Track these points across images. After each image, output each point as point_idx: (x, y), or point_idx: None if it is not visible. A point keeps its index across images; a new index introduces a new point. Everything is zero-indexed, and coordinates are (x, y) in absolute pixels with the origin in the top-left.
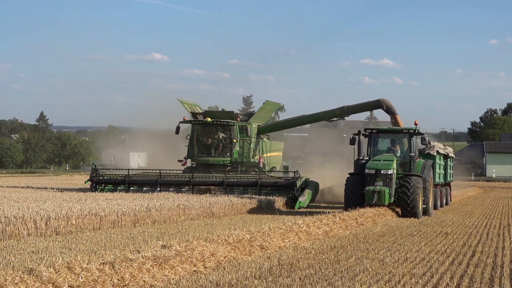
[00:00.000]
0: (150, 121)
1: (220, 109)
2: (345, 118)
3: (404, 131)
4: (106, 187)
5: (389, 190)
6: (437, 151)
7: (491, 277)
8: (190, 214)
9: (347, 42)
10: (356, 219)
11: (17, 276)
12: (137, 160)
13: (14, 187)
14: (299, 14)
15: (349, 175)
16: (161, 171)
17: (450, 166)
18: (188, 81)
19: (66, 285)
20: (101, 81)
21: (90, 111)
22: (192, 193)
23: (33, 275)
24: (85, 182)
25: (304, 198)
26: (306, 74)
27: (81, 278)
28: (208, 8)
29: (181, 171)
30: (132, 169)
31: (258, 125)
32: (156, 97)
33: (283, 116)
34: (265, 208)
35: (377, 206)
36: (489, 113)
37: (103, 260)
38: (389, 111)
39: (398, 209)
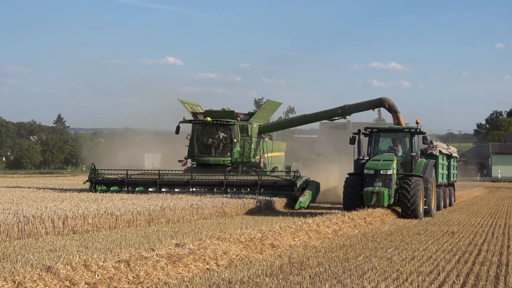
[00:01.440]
0: (163, 123)
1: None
2: (347, 117)
3: (405, 130)
4: (110, 188)
5: (389, 191)
6: (440, 151)
7: (497, 275)
8: (203, 213)
9: (356, 46)
10: (365, 218)
11: (35, 273)
12: (151, 161)
13: (32, 187)
14: (310, 19)
15: (348, 176)
16: (160, 172)
17: (453, 166)
18: (202, 84)
19: (83, 283)
20: (117, 85)
21: (106, 114)
22: (192, 193)
23: (51, 272)
24: (84, 183)
25: (305, 198)
26: (316, 78)
27: (97, 275)
28: (221, 14)
29: (182, 171)
30: (134, 170)
31: (259, 125)
32: (170, 100)
33: None
34: (264, 209)
35: (375, 208)
36: (494, 115)
37: (118, 258)
38: (391, 109)
39: (392, 212)
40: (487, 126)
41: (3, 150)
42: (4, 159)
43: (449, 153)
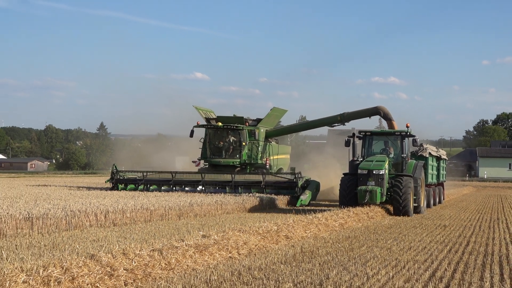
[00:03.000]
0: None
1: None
2: (345, 123)
3: (396, 133)
4: (127, 186)
5: (381, 190)
6: (430, 153)
7: (483, 264)
8: (226, 208)
9: (359, 63)
10: (367, 213)
11: (81, 260)
12: (181, 163)
13: (78, 186)
14: (319, 39)
15: (343, 175)
16: (173, 172)
17: (442, 167)
18: (225, 96)
19: (122, 268)
20: (151, 97)
21: (142, 122)
22: (202, 192)
23: (94, 260)
24: (105, 182)
25: (305, 197)
26: (325, 90)
27: (134, 262)
28: (242, 36)
29: (196, 172)
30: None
31: (266, 130)
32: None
33: None
34: (267, 206)
35: (369, 205)
36: (481, 123)
37: (152, 247)
38: (386, 117)
39: (391, 208)
40: (475, 133)
41: (54, 153)
42: (54, 161)
43: (439, 155)
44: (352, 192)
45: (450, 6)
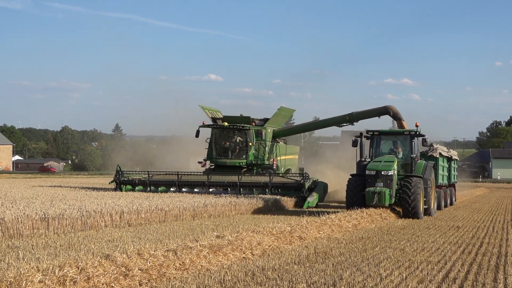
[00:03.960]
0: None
1: None
2: (354, 123)
3: (405, 133)
4: (136, 188)
5: (390, 191)
6: (440, 153)
7: (497, 264)
8: (240, 209)
9: (373, 64)
10: (381, 214)
11: (96, 260)
12: (196, 164)
13: (93, 187)
14: (332, 41)
15: (351, 176)
16: (179, 173)
17: (454, 168)
18: (239, 98)
19: (137, 269)
20: (166, 98)
21: (156, 123)
22: (209, 193)
23: (109, 259)
24: (109, 183)
25: (313, 199)
26: (338, 92)
27: (149, 262)
28: (255, 38)
29: (201, 173)
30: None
31: (274, 130)
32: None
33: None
34: (274, 208)
35: (377, 207)
36: (494, 125)
37: (167, 247)
38: (396, 117)
39: (400, 210)
40: (488, 134)
41: (69, 154)
42: (70, 162)
43: (449, 156)
44: (359, 194)
45: (463, 7)
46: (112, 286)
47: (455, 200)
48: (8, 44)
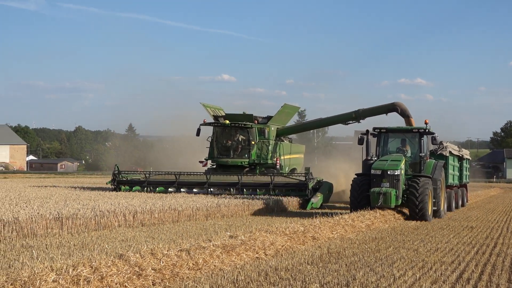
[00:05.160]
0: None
1: None
2: (361, 121)
3: (413, 130)
4: (133, 188)
5: (396, 192)
6: (450, 152)
7: (511, 265)
8: (253, 209)
9: (386, 64)
10: (394, 214)
11: (109, 260)
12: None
13: (107, 188)
14: (345, 41)
15: (356, 176)
16: (178, 173)
17: (466, 168)
18: (252, 98)
19: (150, 268)
20: (179, 98)
21: (169, 123)
22: (208, 194)
23: (122, 259)
24: (106, 183)
25: (317, 199)
26: (351, 92)
27: (162, 262)
28: (268, 38)
29: (202, 173)
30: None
31: (277, 128)
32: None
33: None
34: (275, 209)
35: (383, 209)
36: (508, 125)
37: (180, 247)
38: (404, 114)
39: (407, 211)
40: (502, 134)
41: (83, 154)
42: (83, 162)
43: (461, 155)
44: (364, 194)
45: (476, 7)
46: (125, 285)
47: (467, 201)
48: (23, 44)
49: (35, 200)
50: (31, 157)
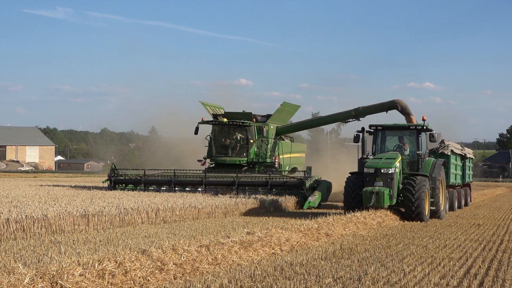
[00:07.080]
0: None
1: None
2: (361, 119)
3: (411, 127)
4: (127, 187)
5: (390, 191)
6: (452, 151)
7: None
8: (269, 208)
9: (396, 69)
10: (403, 213)
11: (133, 255)
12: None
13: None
14: (356, 46)
15: (350, 174)
16: (175, 171)
17: (468, 167)
18: (268, 101)
19: (171, 263)
20: (197, 102)
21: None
22: (205, 192)
23: (145, 254)
24: (103, 182)
25: (314, 198)
26: (362, 95)
27: (183, 257)
28: (284, 44)
29: (201, 171)
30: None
31: (277, 127)
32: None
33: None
34: (273, 209)
35: (376, 209)
36: None
37: (200, 243)
38: (404, 111)
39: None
40: (508, 135)
41: (108, 155)
42: (108, 162)
43: (463, 154)
44: (357, 193)
45: (484, 11)
46: (148, 279)
47: (471, 201)
48: (51, 51)
49: (63, 198)
50: (59, 157)
